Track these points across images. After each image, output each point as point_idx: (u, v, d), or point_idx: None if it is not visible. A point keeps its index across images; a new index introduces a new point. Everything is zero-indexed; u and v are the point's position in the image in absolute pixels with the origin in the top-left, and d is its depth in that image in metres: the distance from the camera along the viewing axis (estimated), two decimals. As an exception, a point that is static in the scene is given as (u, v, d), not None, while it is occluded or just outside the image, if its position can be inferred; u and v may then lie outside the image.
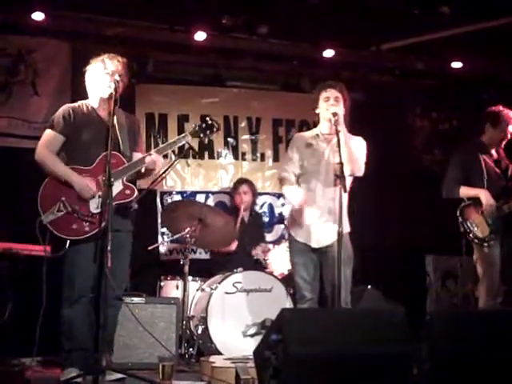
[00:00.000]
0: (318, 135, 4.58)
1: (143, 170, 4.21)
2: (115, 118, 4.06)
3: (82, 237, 4.02)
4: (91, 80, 4.24)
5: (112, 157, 3.93)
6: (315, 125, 4.69)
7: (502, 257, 4.94)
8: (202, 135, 4.30)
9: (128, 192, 4.10)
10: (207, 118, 4.34)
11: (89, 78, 4.26)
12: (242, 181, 6.44)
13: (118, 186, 4.05)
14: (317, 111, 4.57)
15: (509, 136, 5.17)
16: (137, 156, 4.27)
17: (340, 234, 4.06)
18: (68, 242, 4.01)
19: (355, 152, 4.41)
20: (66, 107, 4.24)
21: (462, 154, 5.23)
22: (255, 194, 6.42)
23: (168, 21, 6.06)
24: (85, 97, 4.34)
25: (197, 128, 4.29)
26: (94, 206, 4.04)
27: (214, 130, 4.31)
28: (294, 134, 5.58)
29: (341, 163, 4.13)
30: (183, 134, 4.32)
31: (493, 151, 5.20)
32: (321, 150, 4.52)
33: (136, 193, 4.14)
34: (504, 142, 5.21)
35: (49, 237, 3.99)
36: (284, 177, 4.59)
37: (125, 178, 4.10)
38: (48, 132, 4.20)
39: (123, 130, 4.19)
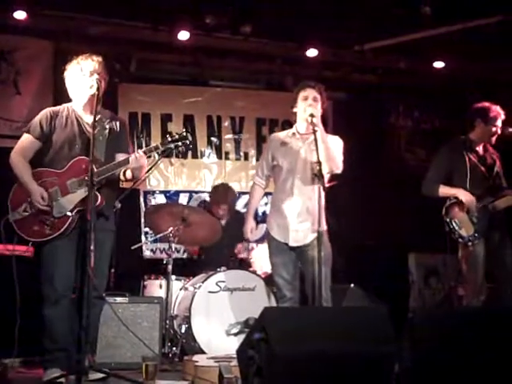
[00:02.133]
0: (294, 134, 4.62)
1: (129, 172, 4.16)
2: (97, 119, 4.08)
3: (43, 239, 4.07)
4: (70, 83, 4.23)
5: (82, 162, 3.96)
6: (294, 121, 4.72)
7: (486, 255, 4.95)
8: (172, 146, 4.21)
9: None
10: (183, 130, 4.29)
11: (68, 82, 4.25)
12: (222, 200, 6.22)
13: (82, 193, 4.05)
14: (294, 110, 4.61)
15: (499, 131, 5.12)
16: (119, 158, 4.21)
17: (320, 233, 4.10)
18: (30, 243, 4.09)
19: (333, 149, 4.45)
20: (45, 112, 4.24)
21: (447, 152, 5.19)
22: (234, 203, 6.43)
23: (151, 20, 6.04)
24: (67, 95, 4.31)
25: (169, 139, 4.20)
26: (57, 211, 4.07)
27: (187, 142, 4.22)
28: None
29: (318, 162, 4.16)
30: (155, 145, 4.23)
31: (479, 148, 5.15)
32: (297, 149, 4.56)
33: (99, 200, 4.07)
34: (494, 138, 5.13)
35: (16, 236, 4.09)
36: (255, 182, 4.75)
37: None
38: (25, 136, 4.23)
39: (101, 132, 4.16)
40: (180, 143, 4.21)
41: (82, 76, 4.15)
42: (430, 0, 5.60)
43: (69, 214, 4.05)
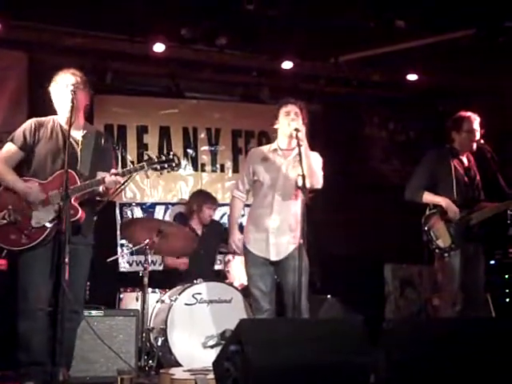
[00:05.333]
0: (275, 150, 4.64)
1: (101, 190, 4.16)
2: (81, 134, 4.16)
3: (18, 248, 4.04)
4: (53, 98, 4.23)
5: (65, 175, 3.92)
6: (274, 138, 4.73)
7: (462, 266, 4.98)
8: (158, 167, 4.23)
9: (72, 212, 4.00)
10: (171, 153, 4.28)
11: (52, 97, 4.24)
12: (212, 198, 6.33)
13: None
14: (275, 126, 4.63)
15: (476, 134, 5.10)
16: (100, 176, 4.19)
17: (300, 246, 4.11)
18: (5, 251, 4.05)
19: (314, 165, 4.47)
20: (29, 122, 4.24)
21: (433, 158, 5.18)
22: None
23: (127, 32, 6.04)
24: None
25: (155, 160, 4.23)
26: (36, 221, 4.05)
27: (174, 165, 4.24)
28: (253, 145, 5.64)
29: (303, 175, 4.18)
30: (140, 164, 4.24)
31: (464, 158, 5.17)
32: (278, 165, 4.58)
33: (80, 213, 4.06)
34: (474, 144, 5.11)
35: None
36: (235, 196, 4.73)
37: (73, 198, 4.02)
38: (8, 145, 4.22)
39: (87, 148, 4.17)
40: (166, 165, 4.23)
41: (62, 90, 4.15)
42: (403, 13, 5.67)
43: (47, 224, 4.03)
